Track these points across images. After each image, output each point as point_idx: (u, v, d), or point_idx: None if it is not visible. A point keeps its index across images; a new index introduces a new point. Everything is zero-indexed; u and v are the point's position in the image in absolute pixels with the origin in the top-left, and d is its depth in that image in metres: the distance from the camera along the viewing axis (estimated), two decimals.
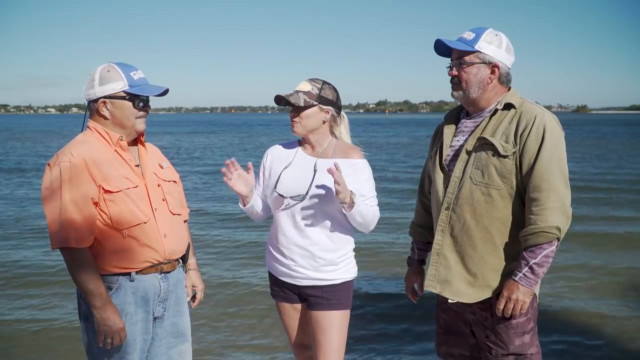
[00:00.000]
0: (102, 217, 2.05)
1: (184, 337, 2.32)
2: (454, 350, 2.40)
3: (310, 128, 2.42)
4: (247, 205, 2.47)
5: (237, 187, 2.38)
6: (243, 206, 2.49)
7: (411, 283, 2.57)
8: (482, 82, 2.17)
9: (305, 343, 2.61)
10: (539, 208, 2.02)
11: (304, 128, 2.41)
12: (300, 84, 2.43)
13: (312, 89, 2.40)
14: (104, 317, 2.02)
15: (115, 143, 2.13)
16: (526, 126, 2.09)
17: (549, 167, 2.04)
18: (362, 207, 2.34)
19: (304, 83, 2.43)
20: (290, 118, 2.42)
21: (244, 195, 2.43)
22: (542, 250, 2.03)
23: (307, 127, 2.42)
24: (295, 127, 2.41)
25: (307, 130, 2.42)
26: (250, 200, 2.45)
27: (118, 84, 2.10)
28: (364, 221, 2.37)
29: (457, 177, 2.21)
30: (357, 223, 2.39)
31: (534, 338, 2.19)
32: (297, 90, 2.39)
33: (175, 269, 2.27)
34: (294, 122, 2.41)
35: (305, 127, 2.41)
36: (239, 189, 2.39)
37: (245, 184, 2.40)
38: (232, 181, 2.36)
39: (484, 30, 2.19)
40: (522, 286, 2.06)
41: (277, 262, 2.49)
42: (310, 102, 2.37)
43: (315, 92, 2.39)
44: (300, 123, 2.40)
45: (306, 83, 2.42)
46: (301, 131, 2.42)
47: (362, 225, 2.41)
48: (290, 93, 2.39)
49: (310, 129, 2.42)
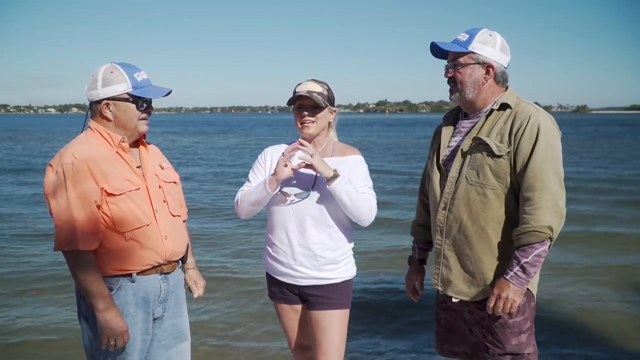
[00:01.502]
0: (104, 219, 2.04)
1: (183, 337, 2.33)
2: (456, 348, 2.42)
3: (321, 128, 2.45)
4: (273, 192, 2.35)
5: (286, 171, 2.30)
6: (272, 191, 2.35)
7: (412, 282, 2.58)
8: (477, 82, 2.19)
9: (305, 344, 2.61)
10: (532, 207, 2.03)
11: (318, 128, 2.43)
12: (308, 84, 2.42)
13: (323, 90, 2.42)
14: (108, 320, 2.02)
15: (116, 144, 2.12)
16: (520, 126, 2.10)
17: (542, 166, 2.04)
18: (349, 188, 2.31)
19: (312, 84, 2.42)
20: (301, 118, 2.40)
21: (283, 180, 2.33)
22: (533, 249, 2.03)
23: (320, 128, 2.44)
24: (311, 127, 2.41)
25: (319, 130, 2.45)
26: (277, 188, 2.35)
27: (121, 85, 2.09)
28: (352, 203, 2.31)
29: (453, 177, 2.22)
30: (346, 206, 2.32)
31: (530, 338, 2.21)
32: (311, 91, 2.38)
33: (175, 270, 2.28)
34: (308, 123, 2.40)
35: (319, 127, 2.43)
36: (288, 173, 2.31)
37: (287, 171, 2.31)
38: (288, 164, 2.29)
39: (478, 30, 2.20)
40: (513, 285, 2.06)
41: (276, 262, 2.49)
42: (326, 102, 2.41)
43: (325, 94, 2.42)
44: (316, 124, 2.41)
45: (315, 84, 2.42)
46: (315, 132, 2.43)
47: (353, 210, 2.35)
48: (308, 93, 2.38)
49: (321, 129, 2.45)
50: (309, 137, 2.45)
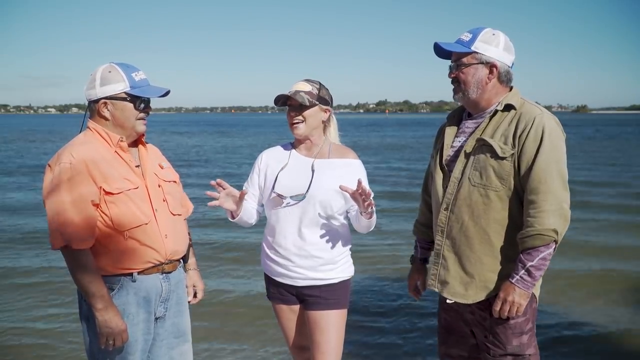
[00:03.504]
0: (104, 218, 2.04)
1: (185, 337, 2.33)
2: (452, 351, 2.41)
3: (312, 128, 2.43)
4: (237, 217, 2.43)
5: (225, 204, 2.34)
6: (232, 219, 2.45)
7: (414, 281, 2.57)
8: (481, 82, 2.17)
9: (303, 344, 2.61)
10: (537, 210, 2.02)
11: (307, 128, 2.41)
12: (298, 84, 2.42)
13: (312, 89, 2.40)
14: (106, 319, 2.02)
15: (115, 144, 2.12)
16: (525, 127, 2.08)
17: (547, 169, 2.03)
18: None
19: (302, 83, 2.42)
20: (291, 118, 2.41)
21: (233, 210, 2.39)
22: (539, 252, 2.02)
23: (310, 127, 2.42)
24: (299, 128, 2.40)
25: (309, 130, 2.42)
26: (239, 213, 2.41)
27: (119, 84, 2.09)
28: (369, 224, 2.42)
29: (456, 177, 2.21)
30: (363, 227, 2.44)
31: (532, 339, 2.20)
32: (298, 90, 2.38)
33: (176, 269, 2.27)
34: (296, 124, 2.40)
35: (309, 127, 2.41)
36: (227, 206, 2.35)
37: (234, 200, 2.35)
38: (220, 201, 2.32)
39: (481, 30, 2.19)
40: (519, 288, 2.05)
41: (273, 262, 2.49)
42: (313, 101, 2.38)
43: (315, 92, 2.40)
44: (303, 123, 2.39)
45: (304, 83, 2.42)
46: (304, 132, 2.42)
47: (363, 230, 2.46)
48: (292, 93, 2.38)
49: (312, 129, 2.43)
50: (300, 137, 2.44)
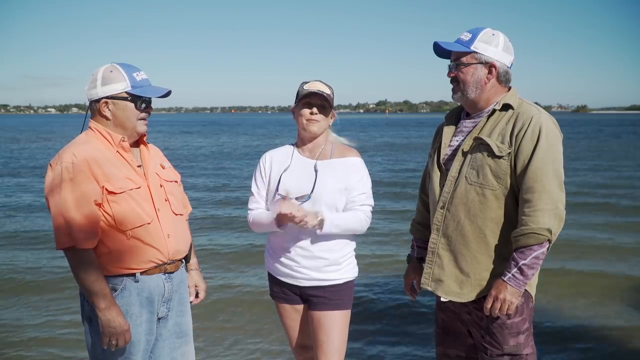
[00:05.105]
0: (106, 218, 2.04)
1: (187, 338, 2.33)
2: (449, 351, 2.41)
3: (324, 129, 2.46)
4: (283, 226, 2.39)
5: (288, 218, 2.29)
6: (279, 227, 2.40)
7: (410, 280, 2.58)
8: (480, 82, 2.18)
9: (306, 344, 2.61)
10: (531, 209, 2.03)
11: (321, 128, 2.44)
12: (317, 85, 2.43)
13: (330, 92, 2.44)
14: (109, 319, 2.02)
15: (117, 144, 2.12)
16: (522, 127, 2.09)
17: (543, 168, 2.04)
18: (336, 220, 2.35)
19: (322, 85, 2.44)
20: (310, 116, 2.40)
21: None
22: (532, 251, 2.03)
23: (323, 128, 2.45)
24: (315, 125, 2.41)
25: (322, 130, 2.45)
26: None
27: (120, 84, 2.10)
28: (344, 230, 2.40)
29: (453, 176, 2.22)
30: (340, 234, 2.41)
31: (529, 338, 2.20)
32: (322, 91, 2.40)
33: (179, 269, 2.28)
34: (314, 121, 2.41)
35: (322, 127, 2.44)
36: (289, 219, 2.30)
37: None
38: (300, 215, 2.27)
39: (481, 30, 2.19)
40: (510, 286, 2.06)
41: (278, 263, 2.50)
42: (332, 105, 2.44)
43: (332, 96, 2.44)
44: (321, 123, 2.42)
45: (324, 85, 2.44)
46: (319, 130, 2.44)
47: (347, 233, 2.44)
48: (318, 91, 2.38)
49: (324, 129, 2.46)
50: (312, 135, 2.45)
